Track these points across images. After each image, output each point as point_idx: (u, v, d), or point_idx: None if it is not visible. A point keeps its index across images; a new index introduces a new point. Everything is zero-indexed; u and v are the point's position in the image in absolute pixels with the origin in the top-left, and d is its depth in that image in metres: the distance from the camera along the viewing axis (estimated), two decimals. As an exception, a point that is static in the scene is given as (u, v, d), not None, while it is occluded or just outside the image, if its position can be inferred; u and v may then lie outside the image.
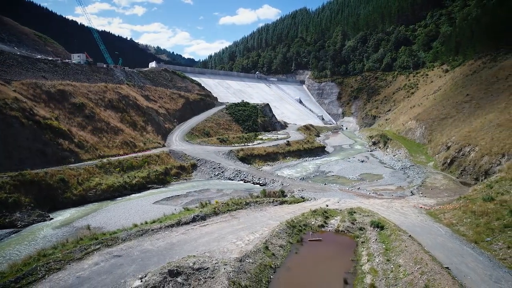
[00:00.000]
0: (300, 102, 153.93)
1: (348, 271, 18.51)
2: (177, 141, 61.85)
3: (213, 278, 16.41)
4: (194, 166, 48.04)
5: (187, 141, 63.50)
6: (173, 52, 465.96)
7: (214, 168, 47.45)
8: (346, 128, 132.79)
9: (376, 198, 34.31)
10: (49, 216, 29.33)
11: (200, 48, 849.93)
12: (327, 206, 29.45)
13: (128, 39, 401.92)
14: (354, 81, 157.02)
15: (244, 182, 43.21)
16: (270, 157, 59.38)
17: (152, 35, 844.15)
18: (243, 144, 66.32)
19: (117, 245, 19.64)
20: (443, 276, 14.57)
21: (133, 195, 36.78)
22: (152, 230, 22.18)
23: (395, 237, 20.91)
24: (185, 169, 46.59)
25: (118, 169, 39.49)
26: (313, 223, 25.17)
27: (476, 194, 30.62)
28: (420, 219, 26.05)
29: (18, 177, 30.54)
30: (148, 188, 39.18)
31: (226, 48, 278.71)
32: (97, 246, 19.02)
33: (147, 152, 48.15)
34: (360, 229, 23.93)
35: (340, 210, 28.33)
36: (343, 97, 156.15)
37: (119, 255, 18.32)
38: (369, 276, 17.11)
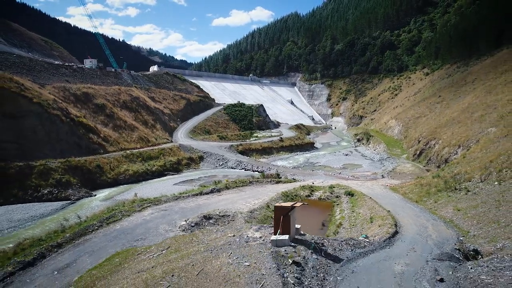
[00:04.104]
0: (292, 103, 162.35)
1: (325, 220, 26.56)
2: (182, 138, 69.40)
3: (233, 220, 24.25)
4: (201, 158, 55.73)
5: (191, 137, 71.11)
6: (165, 54, 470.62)
7: (218, 159, 55.21)
8: (335, 128, 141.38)
9: (353, 180, 42.54)
10: (92, 193, 36.86)
11: (193, 50, 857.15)
12: (313, 183, 37.54)
13: (120, 40, 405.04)
14: (343, 83, 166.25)
15: (245, 170, 51.03)
16: (265, 151, 67.42)
17: (145, 36, 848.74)
18: (240, 141, 74.12)
19: (161, 204, 27.38)
20: (382, 212, 22.75)
21: (154, 179, 44.46)
22: (183, 197, 29.95)
23: (360, 199, 29.07)
24: (194, 160, 54.27)
25: (139, 159, 47.09)
26: (302, 194, 33.16)
27: (430, 175, 39.05)
28: (383, 191, 34.26)
29: (66, 163, 38.03)
30: (165, 175, 46.85)
31: (220, 50, 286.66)
32: (149, 204, 26.75)
33: (160, 146, 55.73)
34: (337, 196, 32.02)
35: (323, 186, 36.38)
36: (332, 98, 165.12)
37: (165, 210, 26.07)
38: (339, 220, 25.16)
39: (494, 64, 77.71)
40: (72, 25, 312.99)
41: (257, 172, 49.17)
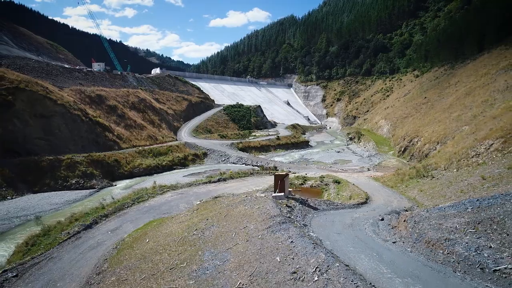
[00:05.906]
0: (288, 104, 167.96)
1: (315, 202, 31.91)
2: (186, 136, 74.60)
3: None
4: (205, 154, 60.96)
5: (194, 136, 76.32)
6: (162, 55, 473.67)
7: (220, 156, 60.47)
8: (330, 128, 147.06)
9: (342, 172, 47.95)
10: (113, 184, 42.02)
11: (190, 50, 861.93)
12: (306, 174, 42.93)
13: (118, 41, 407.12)
14: (337, 84, 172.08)
15: (245, 165, 56.26)
16: (263, 148, 72.83)
17: (141, 37, 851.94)
18: (240, 139, 79.42)
19: (178, 189, 32.64)
20: (359, 191, 28.16)
21: (164, 173, 49.67)
22: (195, 184, 35.24)
23: (345, 185, 34.49)
24: (198, 156, 59.50)
25: (151, 154, 52.30)
26: (296, 182, 38.43)
27: (409, 167, 44.54)
28: (366, 180, 39.64)
29: (89, 157, 43.18)
30: (174, 169, 52.05)
31: (218, 52, 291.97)
32: (168, 189, 32.02)
33: (168, 144, 60.91)
34: (326, 184, 37.41)
35: (315, 177, 41.76)
36: (327, 99, 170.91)
37: (182, 193, 31.34)
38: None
39: (475, 68, 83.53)
40: (70, 26, 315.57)
41: (256, 167, 54.46)
